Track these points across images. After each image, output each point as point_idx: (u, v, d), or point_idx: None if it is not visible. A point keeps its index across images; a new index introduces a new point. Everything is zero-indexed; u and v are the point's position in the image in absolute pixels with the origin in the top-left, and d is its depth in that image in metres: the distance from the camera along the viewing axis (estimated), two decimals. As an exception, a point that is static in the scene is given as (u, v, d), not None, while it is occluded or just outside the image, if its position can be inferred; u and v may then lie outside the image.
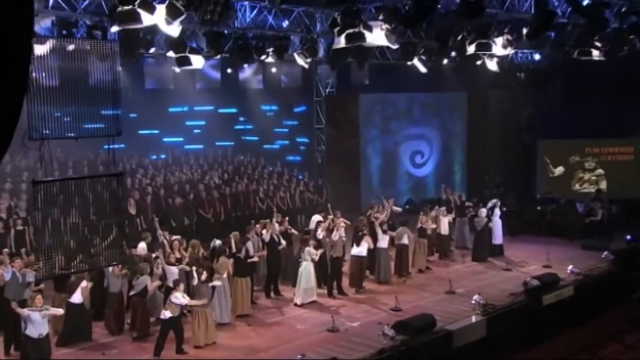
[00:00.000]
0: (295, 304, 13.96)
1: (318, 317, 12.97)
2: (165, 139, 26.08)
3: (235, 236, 14.51)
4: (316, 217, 16.83)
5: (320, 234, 15.06)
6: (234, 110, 27.64)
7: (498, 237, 18.41)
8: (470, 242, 18.76)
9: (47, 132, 6.93)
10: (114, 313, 12.74)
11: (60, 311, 10.83)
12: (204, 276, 12.07)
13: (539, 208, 21.17)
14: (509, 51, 16.71)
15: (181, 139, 26.65)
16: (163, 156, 24.08)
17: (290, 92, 24.90)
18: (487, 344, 12.71)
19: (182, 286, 11.54)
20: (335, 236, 14.90)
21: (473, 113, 25.07)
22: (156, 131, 25.92)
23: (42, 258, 7.00)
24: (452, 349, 12.18)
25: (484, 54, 17.25)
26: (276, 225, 14.91)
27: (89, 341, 12.05)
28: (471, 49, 16.14)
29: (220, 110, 27.24)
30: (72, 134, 7.32)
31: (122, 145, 23.37)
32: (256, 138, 27.30)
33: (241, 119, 27.62)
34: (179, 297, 11.28)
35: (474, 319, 12.93)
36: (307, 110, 26.07)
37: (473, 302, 13.40)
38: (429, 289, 15.06)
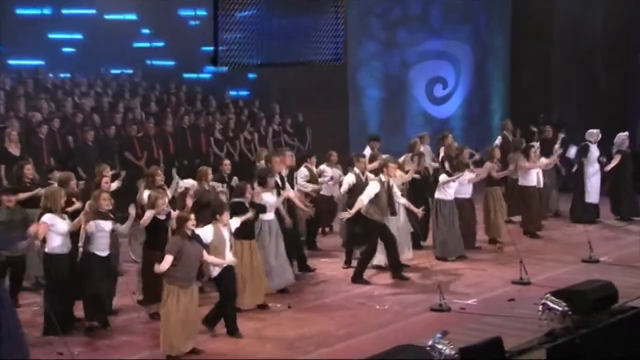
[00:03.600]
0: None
1: (400, 294, 13.18)
2: (11, 61, 23.49)
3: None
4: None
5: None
6: (132, 16, 25.47)
7: (594, 194, 18.17)
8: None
9: None
10: (57, 289, 11.19)
11: None
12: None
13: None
14: None
15: (41, 63, 24.16)
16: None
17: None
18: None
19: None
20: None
21: (522, 18, 24.48)
22: (-3, 49, 23.37)
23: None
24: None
25: None
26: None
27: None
28: None
29: (109, 17, 24.95)
30: None
31: None
32: (171, 63, 25.39)
33: (145, 31, 25.54)
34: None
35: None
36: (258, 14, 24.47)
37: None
38: (552, 258, 15.20)
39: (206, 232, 10.78)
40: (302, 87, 24.06)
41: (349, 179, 14.27)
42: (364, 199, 13.47)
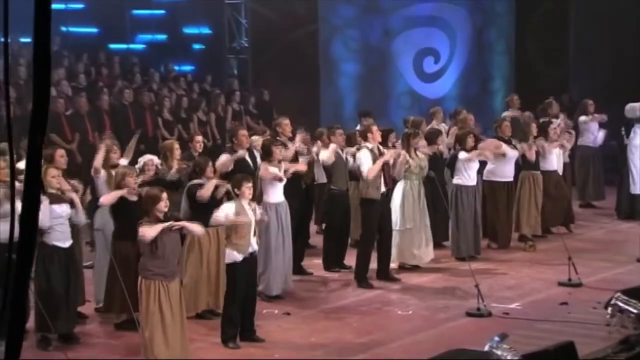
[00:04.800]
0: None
1: (423, 298, 13.50)
2: None
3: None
4: None
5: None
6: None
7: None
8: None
9: None
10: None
11: None
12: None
13: None
14: None
15: None
16: None
17: None
18: None
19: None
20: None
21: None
22: None
23: None
24: None
25: None
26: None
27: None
28: None
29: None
30: None
31: None
32: (93, 30, 25.07)
33: (57, -11, 25.13)
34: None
35: None
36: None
37: None
38: (600, 257, 15.51)
39: (226, 212, 10.78)
40: (262, 62, 24.19)
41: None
42: (365, 171, 13.47)
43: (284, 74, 23.17)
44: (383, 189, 13.64)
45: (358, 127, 16.52)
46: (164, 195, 10.26)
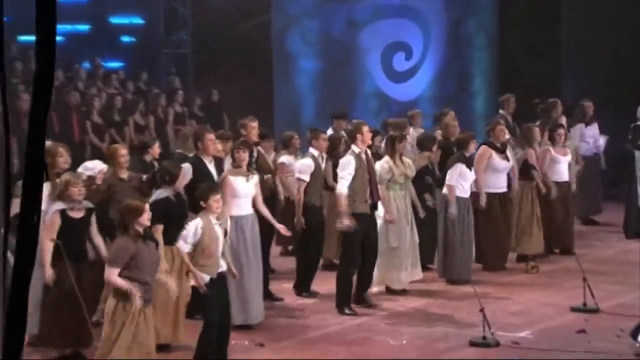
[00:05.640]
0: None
1: (416, 326, 13.54)
2: None
3: None
4: None
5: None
6: None
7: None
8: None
9: None
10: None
11: None
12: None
13: None
14: None
15: None
16: None
17: None
18: None
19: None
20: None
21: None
22: None
23: None
24: None
25: None
26: None
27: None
28: None
29: None
30: None
31: None
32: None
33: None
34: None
35: None
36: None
37: None
38: (614, 280, 15.58)
39: (191, 228, 10.76)
40: (206, 56, 24.42)
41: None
42: (342, 186, 13.33)
43: (230, 71, 23.31)
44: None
45: (330, 131, 16.58)
46: (147, 206, 10.27)
